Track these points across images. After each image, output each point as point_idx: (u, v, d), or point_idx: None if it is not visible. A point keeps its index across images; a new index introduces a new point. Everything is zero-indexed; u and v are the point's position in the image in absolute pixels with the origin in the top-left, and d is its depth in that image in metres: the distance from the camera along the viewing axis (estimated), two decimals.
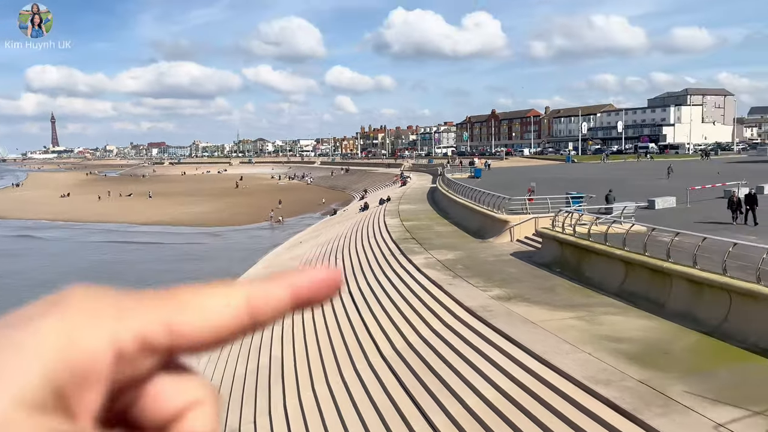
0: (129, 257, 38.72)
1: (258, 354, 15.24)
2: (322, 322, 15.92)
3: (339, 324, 15.17)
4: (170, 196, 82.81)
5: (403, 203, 37.61)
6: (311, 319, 16.50)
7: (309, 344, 14.45)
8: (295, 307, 0.37)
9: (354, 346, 13.28)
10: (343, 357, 12.94)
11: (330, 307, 16.96)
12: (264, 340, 16.13)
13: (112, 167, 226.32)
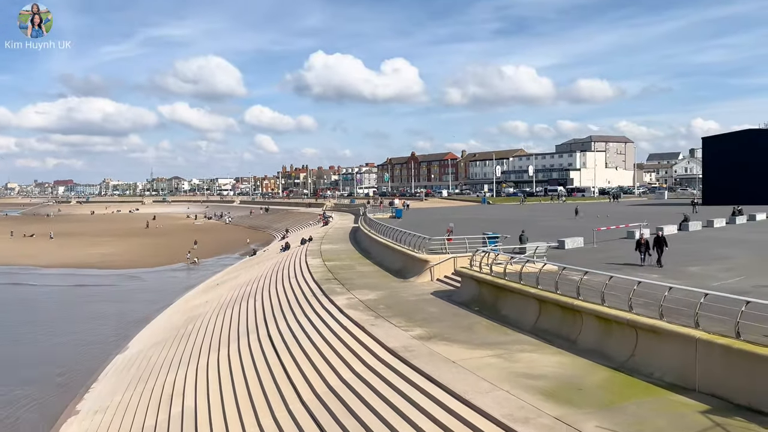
0: (24, 305, 35.78)
1: (169, 403, 14.38)
2: (239, 366, 15.30)
3: (257, 368, 14.64)
4: (77, 237, 77.97)
5: (326, 243, 37.39)
6: (227, 364, 15.82)
7: (224, 391, 13.80)
8: None
9: (272, 392, 12.80)
10: (260, 404, 12.42)
11: (248, 350, 16.35)
12: (177, 388, 15.26)
13: (13, 206, 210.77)
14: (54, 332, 27.86)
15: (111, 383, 18.96)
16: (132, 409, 15.10)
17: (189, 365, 17.03)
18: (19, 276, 45.75)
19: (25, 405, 18.61)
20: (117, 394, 17.12)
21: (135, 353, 22.20)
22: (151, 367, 18.61)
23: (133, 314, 30.85)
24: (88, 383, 19.83)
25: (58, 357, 23.54)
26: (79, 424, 15.76)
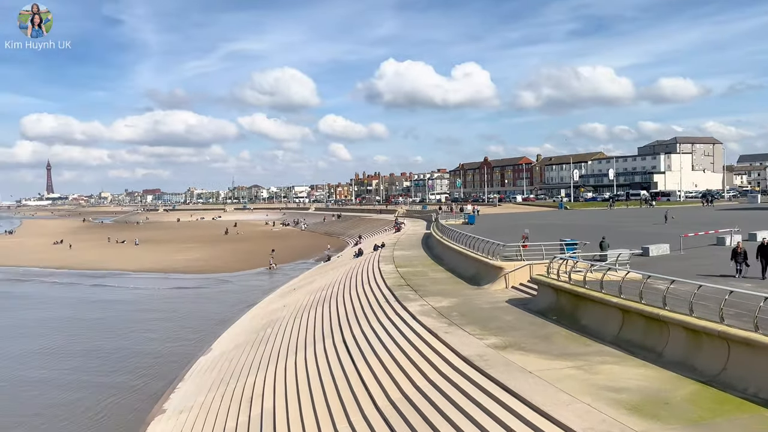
0: (118, 304, 38.14)
1: (249, 405, 14.88)
2: (315, 371, 15.62)
3: (332, 373, 14.89)
4: (164, 243, 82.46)
5: (398, 249, 37.56)
6: (304, 368, 16.20)
7: (302, 395, 14.12)
8: None
9: (348, 397, 12.98)
10: (336, 409, 12.63)
11: (323, 355, 16.68)
12: (256, 390, 15.77)
13: (107, 214, 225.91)
14: (143, 333, 29.59)
15: (195, 384, 19.86)
16: (214, 410, 15.73)
17: (268, 368, 17.56)
18: (113, 279, 48.91)
19: (117, 401, 19.86)
20: (200, 394, 17.91)
21: (217, 355, 23.15)
22: (232, 369, 19.35)
23: (216, 317, 32.22)
24: (175, 383, 20.86)
25: (147, 357, 24.97)
26: (165, 422, 16.59)
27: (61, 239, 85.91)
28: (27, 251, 74.28)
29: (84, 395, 20.69)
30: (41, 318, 34.74)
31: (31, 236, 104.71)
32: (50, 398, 20.67)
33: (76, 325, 32.74)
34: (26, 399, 20.87)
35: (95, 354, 26.18)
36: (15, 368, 24.49)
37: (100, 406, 19.45)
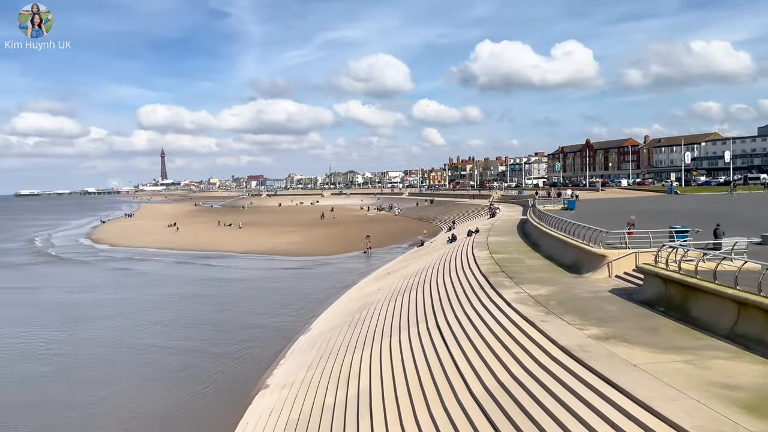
0: (224, 283, 40.52)
1: (347, 383, 15.37)
2: (410, 354, 15.83)
3: (426, 357, 15.02)
4: (267, 226, 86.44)
5: (492, 235, 36.99)
6: (399, 351, 16.46)
7: (396, 377, 14.38)
8: None
9: (442, 382, 13.06)
10: (431, 393, 12.75)
11: (417, 339, 16.85)
12: (353, 369, 16.25)
13: (215, 199, 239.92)
14: (248, 310, 31.34)
15: (296, 361, 20.79)
16: (314, 386, 16.40)
17: (363, 349, 18.03)
18: (220, 259, 52.03)
19: (224, 373, 21.29)
20: (301, 371, 18.72)
21: (316, 334, 24.06)
22: (330, 349, 20.04)
23: (315, 298, 33.46)
24: (277, 360, 21.97)
25: (251, 332, 26.46)
26: (269, 396, 17.53)
27: (174, 222, 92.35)
28: (144, 233, 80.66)
29: (195, 364, 22.46)
30: (158, 293, 37.76)
31: (147, 219, 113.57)
32: (165, 364, 22.81)
33: (188, 300, 35.34)
34: (145, 364, 23.18)
35: (205, 327, 28.24)
36: (138, 336, 27.09)
37: (208, 377, 21.02)
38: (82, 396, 19.79)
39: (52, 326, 29.71)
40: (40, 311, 33.44)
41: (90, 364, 23.39)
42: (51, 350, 25.30)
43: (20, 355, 24.67)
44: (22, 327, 29.64)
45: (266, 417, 15.52)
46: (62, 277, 46.41)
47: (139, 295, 37.52)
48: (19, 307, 34.81)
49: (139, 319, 30.68)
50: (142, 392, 19.91)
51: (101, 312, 32.84)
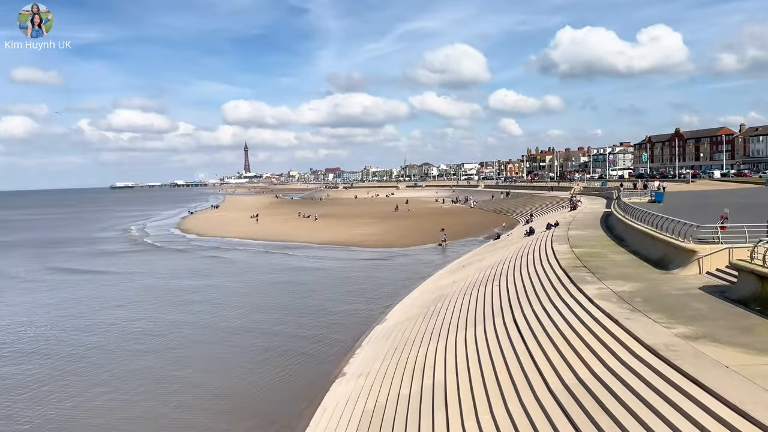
0: (303, 272, 41.66)
1: (422, 375, 15.45)
2: (485, 347, 15.69)
3: (503, 351, 14.83)
4: (343, 218, 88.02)
5: (573, 229, 35.85)
6: (474, 344, 16.35)
7: (472, 370, 14.30)
8: None
9: (519, 378, 12.86)
10: (507, 387, 12.59)
11: (493, 333, 16.66)
12: (428, 361, 16.31)
13: (294, 191, 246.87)
14: (325, 299, 32.10)
15: (372, 350, 21.11)
16: (389, 376, 16.60)
17: (438, 341, 18.04)
18: (299, 250, 53.51)
19: (301, 359, 21.98)
20: (377, 361, 19.00)
21: (392, 325, 24.31)
22: (405, 340, 20.20)
23: (390, 289, 33.79)
24: (353, 349, 22.39)
25: (328, 321, 27.12)
26: (345, 384, 17.92)
27: (257, 213, 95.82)
28: (228, 224, 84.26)
29: (276, 348, 23.51)
30: (242, 280, 39.44)
31: (232, 210, 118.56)
32: (247, 347, 24.04)
33: (269, 287, 36.77)
34: (229, 346, 24.54)
35: (285, 314, 29.31)
36: (224, 319, 28.63)
37: (288, 361, 21.89)
38: (167, 373, 21.23)
39: (148, 308, 31.95)
40: (138, 295, 35.87)
41: (179, 345, 24.97)
42: (145, 330, 27.15)
43: (120, 334, 26.55)
44: (122, 309, 31.99)
45: (343, 405, 15.89)
46: (156, 264, 49.43)
47: (225, 282, 39.45)
48: (118, 291, 37.41)
49: (225, 303, 32.52)
50: (224, 372, 21.07)
51: (191, 296, 34.89)
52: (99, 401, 18.78)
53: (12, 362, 23.18)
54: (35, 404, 18.60)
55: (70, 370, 21.90)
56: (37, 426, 16.98)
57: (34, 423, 17.18)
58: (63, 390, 19.80)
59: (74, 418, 17.52)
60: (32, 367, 22.45)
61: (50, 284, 41.21)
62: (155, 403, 18.37)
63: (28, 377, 21.19)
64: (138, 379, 20.60)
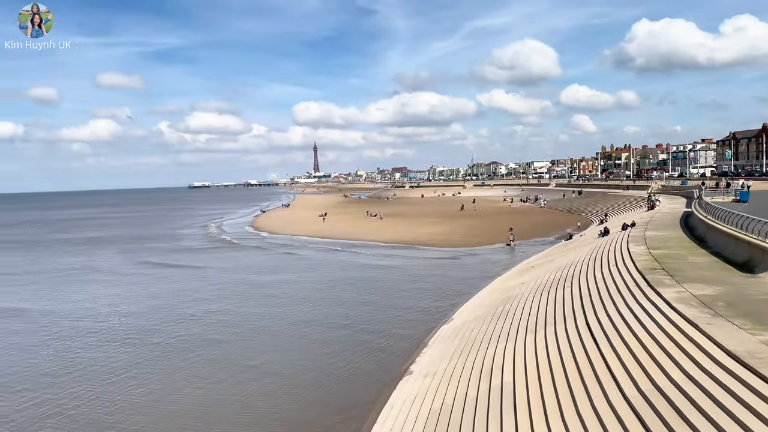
0: (370, 270, 42.07)
1: (489, 376, 15.28)
2: (556, 350, 15.31)
3: (575, 355, 14.43)
4: (409, 217, 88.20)
5: (651, 229, 34.34)
6: (544, 346, 16.00)
7: (542, 373, 14.00)
8: None
9: (592, 382, 12.48)
10: (579, 392, 12.25)
11: (564, 335, 16.24)
12: (496, 362, 16.11)
13: (362, 190, 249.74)
14: (392, 296, 32.31)
15: (438, 350, 21.06)
16: (456, 377, 16.51)
17: (507, 343, 17.77)
18: (365, 248, 54.07)
19: (368, 355, 22.25)
20: (443, 361, 18.94)
21: (459, 325, 24.16)
22: (472, 340, 20.03)
23: (457, 288, 33.60)
24: (420, 347, 22.43)
25: (396, 320, 27.26)
26: (412, 383, 17.97)
27: (325, 212, 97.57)
28: (298, 222, 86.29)
29: (344, 342, 24.16)
30: (311, 277, 40.34)
31: (301, 209, 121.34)
32: (317, 340, 24.82)
33: (337, 284, 37.39)
34: (300, 337, 25.66)
35: (353, 310, 29.83)
36: (296, 313, 29.74)
37: (355, 356, 22.27)
38: (242, 362, 22.30)
39: (226, 301, 33.61)
40: (216, 288, 37.66)
41: (254, 336, 26.17)
42: (223, 322, 28.53)
43: (200, 324, 27.83)
44: (201, 301, 33.76)
45: (410, 403, 15.95)
46: (233, 260, 51.50)
47: (295, 277, 40.68)
48: (199, 285, 39.35)
49: (296, 298, 33.75)
50: (294, 363, 21.88)
51: (264, 290, 36.36)
52: (179, 386, 19.95)
53: (102, 349, 24.95)
54: (121, 388, 19.94)
55: (154, 357, 23.45)
56: (122, 408, 18.16)
57: (119, 405, 18.38)
58: (146, 376, 21.14)
59: (157, 402, 18.64)
60: (118, 353, 24.15)
61: (138, 278, 43.98)
62: (229, 390, 19.33)
63: (115, 363, 22.78)
64: (215, 368, 21.78)
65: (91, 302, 34.82)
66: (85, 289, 39.38)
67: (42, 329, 28.59)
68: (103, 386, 20.14)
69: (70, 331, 27.98)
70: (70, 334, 27.45)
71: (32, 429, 16.85)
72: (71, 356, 23.91)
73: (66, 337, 26.93)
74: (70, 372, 21.81)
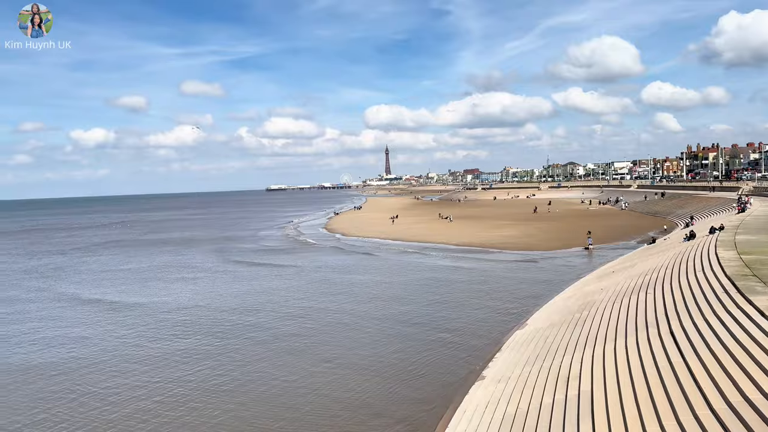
0: (443, 273, 41.85)
1: (566, 384, 14.85)
2: (637, 360, 14.67)
3: (657, 365, 13.77)
4: (481, 219, 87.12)
5: (741, 233, 32.24)
6: (625, 355, 15.37)
7: (622, 383, 13.46)
8: None
9: (676, 394, 11.87)
10: (662, 405, 11.67)
11: (647, 345, 15.53)
12: (573, 371, 15.64)
13: (433, 192, 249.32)
14: (465, 299, 32.03)
15: (512, 356, 20.67)
16: (530, 384, 16.16)
17: (585, 350, 17.20)
18: (437, 251, 53.85)
19: (438, 358, 22.15)
20: (517, 367, 18.58)
21: (533, 330, 23.61)
22: (548, 347, 19.52)
23: (530, 293, 32.86)
24: (493, 352, 22.10)
25: (468, 323, 26.98)
26: (484, 389, 17.74)
27: (396, 214, 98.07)
28: (371, 224, 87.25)
29: (416, 341, 24.51)
30: (386, 277, 40.65)
31: (373, 212, 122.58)
32: (391, 340, 25.15)
33: (409, 285, 37.46)
34: (374, 334, 26.16)
35: (426, 311, 29.89)
36: (370, 311, 30.40)
37: (427, 357, 22.33)
38: (316, 354, 23.44)
39: (303, 297, 35.10)
40: (294, 285, 39.21)
41: (330, 330, 27.27)
42: (300, 316, 29.85)
43: (279, 318, 28.82)
44: (281, 297, 35.58)
45: (482, 409, 15.76)
46: (310, 259, 53.05)
47: (369, 277, 41.38)
48: (279, 282, 41.12)
49: (368, 296, 34.66)
50: (367, 358, 22.43)
51: (339, 288, 37.52)
52: (259, 374, 21.41)
53: (195, 338, 26.96)
54: (212, 371, 21.84)
55: (239, 346, 25.23)
56: (210, 388, 19.96)
57: (206, 388, 19.93)
58: (231, 362, 23.00)
59: (245, 384, 20.33)
60: (206, 342, 26.14)
61: (227, 275, 46.47)
62: (305, 380, 20.48)
63: (205, 351, 24.66)
64: (295, 358, 23.09)
65: (187, 297, 37.72)
66: (180, 286, 42.15)
67: (145, 320, 31.34)
68: (194, 372, 21.92)
69: (168, 322, 30.58)
70: (168, 324, 30.05)
71: (126, 409, 18.41)
72: (170, 343, 26.31)
73: (165, 327, 29.54)
74: (167, 357, 24.11)
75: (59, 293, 40.84)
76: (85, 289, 42.00)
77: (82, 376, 21.95)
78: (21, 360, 24.57)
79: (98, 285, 43.84)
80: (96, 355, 24.84)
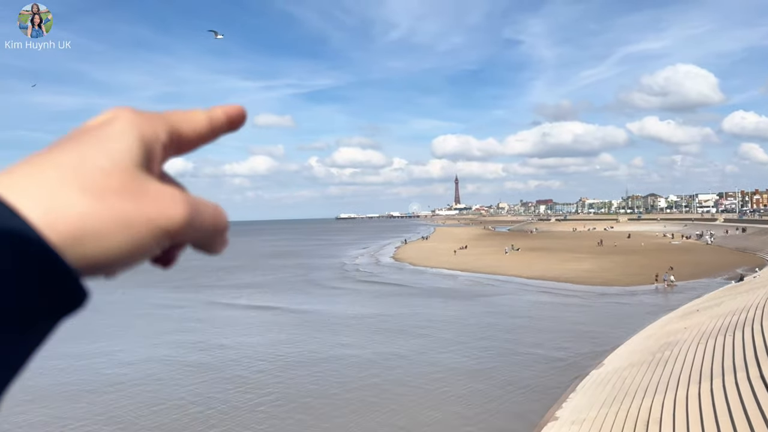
0: (513, 308, 40.90)
1: (646, 428, 14.11)
2: (724, 405, 13.76)
3: (746, 411, 12.86)
4: (554, 252, 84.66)
5: None
6: (710, 400, 14.45)
7: (707, 429, 12.64)
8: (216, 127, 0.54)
9: None
10: None
11: (735, 389, 14.52)
12: (653, 415, 14.84)
13: (504, 223, 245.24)
14: (535, 336, 31.07)
15: (587, 396, 19.85)
16: (607, 427, 15.45)
17: (666, 393, 16.29)
18: (507, 284, 52.81)
19: (510, 398, 21.52)
20: (592, 409, 17.81)
21: (610, 371, 22.60)
22: (626, 388, 18.63)
23: (607, 330, 31.51)
24: (567, 392, 21.28)
25: (540, 361, 26.17)
26: (557, 429, 17.10)
27: (465, 245, 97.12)
28: (438, 254, 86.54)
29: (487, 378, 23.79)
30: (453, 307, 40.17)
31: (440, 242, 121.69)
32: (458, 371, 24.58)
33: (479, 318, 36.78)
34: (443, 369, 25.45)
35: (496, 347, 29.05)
36: (439, 342, 29.63)
37: (498, 395, 21.69)
38: (385, 387, 22.96)
39: (379, 323, 34.68)
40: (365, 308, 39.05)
41: (393, 363, 26.65)
42: (377, 340, 29.50)
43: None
44: (351, 322, 35.46)
45: None
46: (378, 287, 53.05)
47: (436, 308, 41.01)
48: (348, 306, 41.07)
49: (438, 328, 34.35)
50: (434, 397, 21.93)
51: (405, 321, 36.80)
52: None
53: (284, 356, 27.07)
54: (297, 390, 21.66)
55: (305, 374, 24.81)
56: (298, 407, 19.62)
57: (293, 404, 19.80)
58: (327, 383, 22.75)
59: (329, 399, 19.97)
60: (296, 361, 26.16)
61: (318, 297, 47.97)
62: (383, 403, 20.97)
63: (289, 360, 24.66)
64: (365, 391, 22.77)
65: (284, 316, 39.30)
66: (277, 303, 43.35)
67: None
68: (279, 387, 22.25)
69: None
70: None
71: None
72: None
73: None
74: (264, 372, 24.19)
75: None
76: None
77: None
78: None
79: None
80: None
